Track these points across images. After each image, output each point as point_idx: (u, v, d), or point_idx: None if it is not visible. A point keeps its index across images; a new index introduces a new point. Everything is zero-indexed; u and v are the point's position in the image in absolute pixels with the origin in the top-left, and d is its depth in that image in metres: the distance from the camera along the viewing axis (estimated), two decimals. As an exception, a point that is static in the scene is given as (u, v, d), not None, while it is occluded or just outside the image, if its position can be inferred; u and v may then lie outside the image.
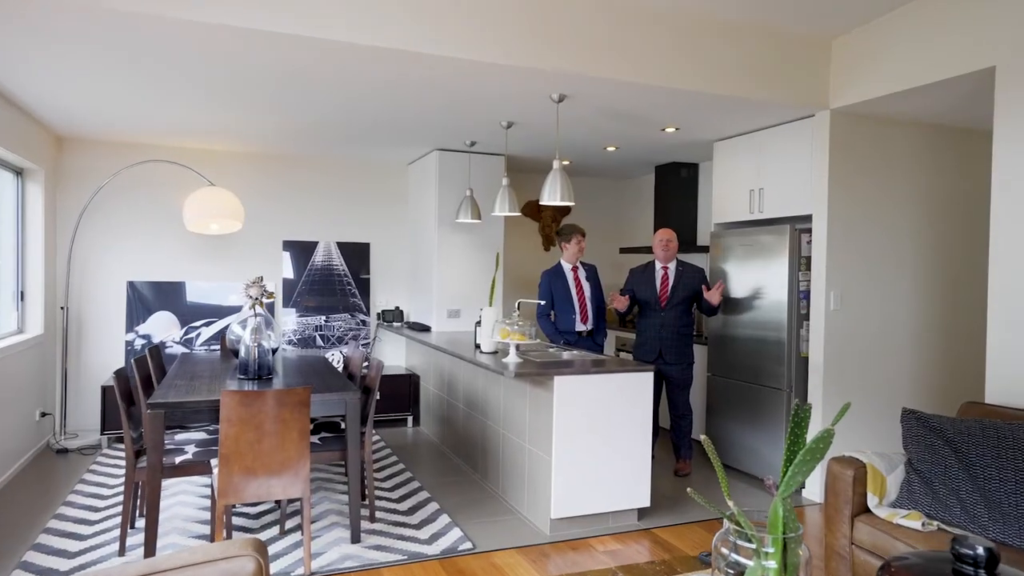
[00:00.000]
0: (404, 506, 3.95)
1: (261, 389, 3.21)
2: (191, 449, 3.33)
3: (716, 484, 4.53)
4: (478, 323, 4.36)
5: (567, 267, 4.87)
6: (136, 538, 3.38)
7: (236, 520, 3.69)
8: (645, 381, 3.74)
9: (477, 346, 4.41)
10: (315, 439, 3.62)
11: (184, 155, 5.75)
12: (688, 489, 1.49)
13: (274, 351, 4.39)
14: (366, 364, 4.27)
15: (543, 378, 3.64)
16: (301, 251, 6.15)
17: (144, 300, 5.62)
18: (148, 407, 2.94)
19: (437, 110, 4.33)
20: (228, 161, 5.91)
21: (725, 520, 1.63)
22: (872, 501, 2.80)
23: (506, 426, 4.15)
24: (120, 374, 3.24)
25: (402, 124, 4.77)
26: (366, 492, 3.74)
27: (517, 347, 3.97)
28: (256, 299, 3.57)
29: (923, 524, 2.61)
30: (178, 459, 3.21)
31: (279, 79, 3.69)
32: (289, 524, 3.63)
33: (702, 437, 1.53)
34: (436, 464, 4.89)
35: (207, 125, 4.89)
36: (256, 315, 3.71)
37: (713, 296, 4.51)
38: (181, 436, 3.62)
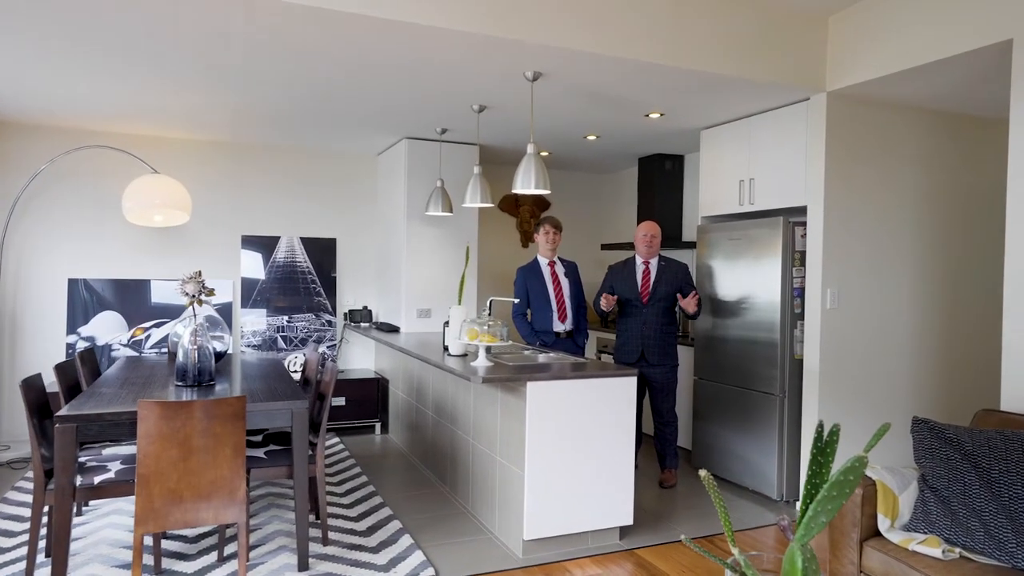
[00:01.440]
0: (362, 525, 3.58)
1: (200, 398, 2.84)
2: (115, 467, 2.94)
3: (705, 497, 4.20)
4: (447, 323, 4.00)
5: (543, 262, 4.52)
6: (48, 570, 2.98)
7: (171, 545, 3.29)
8: (628, 386, 3.41)
9: (445, 348, 4.06)
10: (261, 453, 3.24)
11: (132, 142, 5.33)
12: (682, 536, 1.14)
13: (221, 355, 4.01)
14: (322, 368, 3.89)
15: (515, 384, 3.29)
16: (262, 247, 5.75)
17: (89, 299, 5.20)
18: (56, 420, 2.55)
19: (403, 90, 3.96)
20: (180, 149, 5.49)
21: (728, 570, 1.30)
22: (883, 524, 2.48)
23: (476, 436, 3.79)
24: (30, 383, 2.84)
25: (367, 107, 4.40)
26: (319, 511, 3.36)
27: (488, 349, 3.62)
28: (194, 296, 3.19)
29: (943, 552, 2.29)
30: (98, 479, 2.81)
31: (226, 53, 3.31)
32: (230, 549, 3.24)
33: (701, 473, 1.19)
34: (403, 476, 4.52)
35: (154, 108, 4.48)
36: (196, 314, 3.32)
37: (688, 305, 4.21)
38: (109, 451, 3.23)
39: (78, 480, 2.78)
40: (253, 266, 5.72)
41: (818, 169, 3.92)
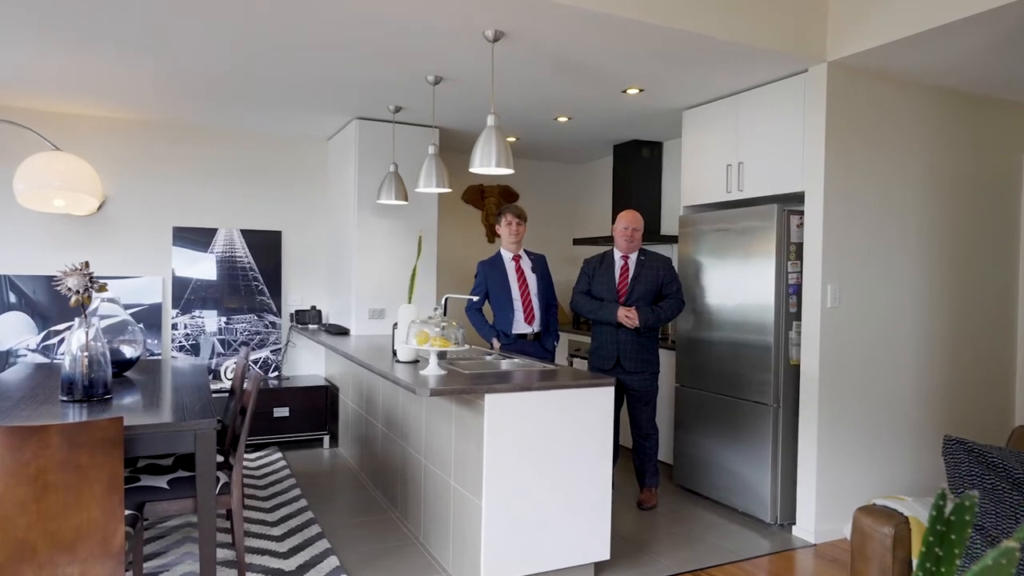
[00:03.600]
0: (291, 564, 3.03)
1: (92, 417, 2.30)
2: (-31, 504, 2.35)
3: (690, 521, 3.73)
4: (396, 326, 3.47)
5: (507, 255, 4.01)
6: None
7: (52, 594, 2.71)
8: (604, 398, 2.91)
9: (395, 353, 3.52)
10: (163, 481, 2.67)
11: (37, 120, 4.69)
12: None
13: (132, 362, 3.44)
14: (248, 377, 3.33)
15: (470, 396, 2.78)
16: (196, 240, 5.15)
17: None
18: None
19: (347, 55, 3.42)
20: (98, 128, 4.87)
21: None
22: (920, 572, 2.01)
23: (428, 455, 3.27)
24: None
25: (308, 78, 3.84)
26: (238, 549, 2.80)
27: (441, 355, 3.10)
28: (79, 292, 2.61)
29: (1001, 611, 1.82)
30: (-59, 521, 2.23)
31: (130, 6, 2.74)
32: (123, 599, 2.67)
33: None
34: (349, 498, 3.97)
35: (60, 77, 3.87)
36: (85, 314, 2.75)
37: (626, 319, 3.76)
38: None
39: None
40: (186, 261, 5.11)
41: (817, 151, 3.47)
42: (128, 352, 3.46)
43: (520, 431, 2.73)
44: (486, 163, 2.98)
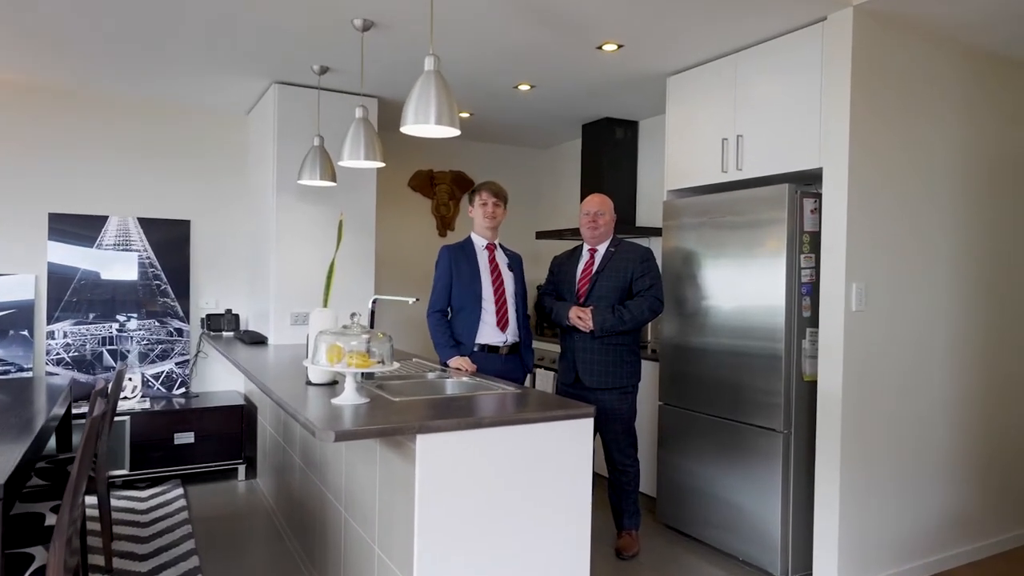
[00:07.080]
0: (153, 666, 2.21)
1: None
2: None
3: (675, 569, 3.02)
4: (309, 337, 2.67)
5: (479, 242, 3.19)
6: None
7: None
8: (580, 434, 2.17)
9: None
10: (-54, 567, 1.83)
11: None
12: None
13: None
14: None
15: (400, 437, 2.00)
16: (79, 231, 4.25)
17: None
18: None
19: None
20: (-42, 93, 3.96)
21: None
22: None
23: (349, 506, 2.49)
24: None
25: (201, 23, 3.02)
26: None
27: (363, 377, 2.32)
28: None
29: None
30: None
31: None
32: None
33: None
34: (257, 551, 3.16)
35: None
36: None
37: (579, 320, 3.10)
38: None
39: None
40: (67, 255, 4.21)
41: (840, 119, 2.80)
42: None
43: (465, 483, 1.97)
44: (422, 118, 2.20)
